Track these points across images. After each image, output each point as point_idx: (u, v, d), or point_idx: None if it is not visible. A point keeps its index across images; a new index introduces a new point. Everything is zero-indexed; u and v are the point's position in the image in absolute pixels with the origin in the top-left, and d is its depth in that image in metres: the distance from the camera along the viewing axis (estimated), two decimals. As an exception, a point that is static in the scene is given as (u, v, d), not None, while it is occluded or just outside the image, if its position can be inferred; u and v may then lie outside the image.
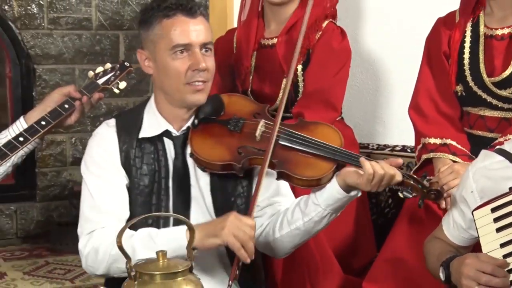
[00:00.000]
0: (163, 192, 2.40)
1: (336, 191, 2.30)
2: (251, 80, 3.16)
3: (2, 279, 3.23)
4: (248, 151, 2.38)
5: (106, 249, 2.27)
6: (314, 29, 3.06)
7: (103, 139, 2.43)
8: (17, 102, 3.65)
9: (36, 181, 3.64)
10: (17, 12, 3.57)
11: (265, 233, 2.42)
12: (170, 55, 2.34)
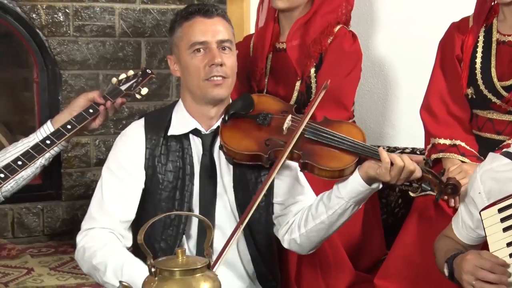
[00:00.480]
0: (187, 188, 2.40)
1: (359, 183, 2.29)
2: (266, 82, 3.16)
3: (30, 274, 3.24)
4: (275, 143, 2.39)
5: (90, 255, 2.29)
6: (326, 34, 3.06)
7: (130, 138, 2.44)
8: (44, 106, 3.66)
9: (62, 182, 3.65)
10: (44, 20, 3.58)
11: (290, 230, 2.42)
12: (190, 54, 2.37)
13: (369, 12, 3.51)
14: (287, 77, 3.10)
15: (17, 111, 3.87)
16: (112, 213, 2.35)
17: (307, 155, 2.37)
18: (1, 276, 3.20)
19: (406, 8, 3.50)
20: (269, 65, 3.17)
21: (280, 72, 3.14)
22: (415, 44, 3.40)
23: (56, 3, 3.59)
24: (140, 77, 2.64)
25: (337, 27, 3.10)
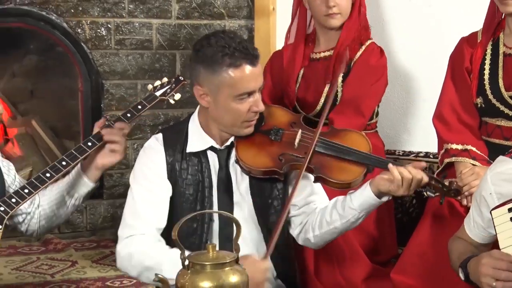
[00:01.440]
0: (207, 200, 2.39)
1: (370, 197, 2.29)
2: (297, 89, 3.15)
3: (74, 266, 3.26)
4: (288, 158, 2.37)
5: (139, 259, 2.27)
6: (356, 43, 3.09)
7: (152, 152, 2.41)
8: (87, 113, 3.67)
9: (103, 182, 3.66)
10: (89, 34, 3.60)
11: (304, 230, 2.41)
12: (234, 100, 2.29)
13: (387, 23, 3.49)
14: (317, 84, 3.10)
15: (63, 118, 3.89)
16: (148, 220, 2.33)
17: (319, 169, 2.36)
18: (48, 268, 3.23)
19: (423, 19, 3.48)
20: (301, 74, 3.16)
21: (311, 80, 3.14)
22: (430, 55, 3.38)
23: (99, 19, 3.61)
24: (173, 83, 2.64)
25: (367, 42, 3.12)
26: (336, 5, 3.03)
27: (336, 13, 3.05)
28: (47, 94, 3.92)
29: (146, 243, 2.29)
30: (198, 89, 2.34)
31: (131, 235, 2.32)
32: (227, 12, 3.77)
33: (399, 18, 3.52)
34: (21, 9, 3.49)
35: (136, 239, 2.30)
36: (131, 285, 3.06)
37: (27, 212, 2.39)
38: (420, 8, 3.48)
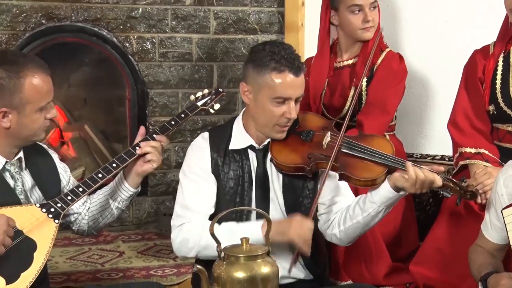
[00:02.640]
0: (246, 193, 2.40)
1: (389, 191, 2.28)
2: (323, 95, 3.15)
3: (121, 256, 3.28)
4: (316, 157, 2.37)
5: (195, 240, 2.31)
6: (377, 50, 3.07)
7: (198, 149, 2.43)
8: (134, 119, 3.69)
9: (148, 181, 3.68)
10: (135, 48, 3.63)
11: (331, 226, 2.40)
12: (271, 101, 2.31)
13: (406, 36, 3.48)
14: (342, 90, 3.10)
15: (112, 123, 3.91)
16: (196, 208, 2.36)
17: (344, 167, 2.36)
18: (98, 257, 3.26)
19: (439, 33, 3.45)
20: (326, 82, 3.16)
21: (336, 86, 3.13)
22: (446, 67, 3.35)
23: (145, 34, 3.63)
24: (213, 95, 2.64)
25: (386, 50, 3.12)
26: (372, 20, 3.06)
27: (371, 26, 3.07)
28: (98, 102, 3.95)
29: (197, 227, 2.32)
30: (244, 86, 2.38)
31: (181, 223, 2.35)
32: (260, 28, 3.78)
33: (417, 32, 3.49)
34: (76, 26, 3.52)
35: (186, 226, 2.33)
36: (172, 274, 3.06)
37: (78, 212, 2.41)
38: (436, 23, 3.45)
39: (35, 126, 2.22)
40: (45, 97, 2.21)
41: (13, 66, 2.17)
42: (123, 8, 3.57)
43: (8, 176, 2.27)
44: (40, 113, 2.21)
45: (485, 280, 2.06)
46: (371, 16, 3.05)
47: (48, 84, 2.21)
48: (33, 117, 2.19)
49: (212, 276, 1.95)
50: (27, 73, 2.17)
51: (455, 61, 3.08)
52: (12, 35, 3.42)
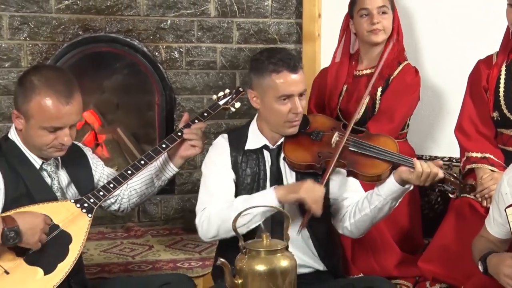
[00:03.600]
0: (261, 189, 2.41)
1: (394, 184, 2.30)
2: (340, 101, 3.13)
3: (150, 250, 3.28)
4: (325, 155, 2.40)
5: (215, 215, 2.32)
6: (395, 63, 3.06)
7: (219, 146, 2.48)
8: (162, 122, 3.69)
9: (175, 180, 3.68)
10: (164, 57, 3.63)
11: (343, 219, 2.42)
12: (276, 101, 2.35)
13: (420, 48, 3.46)
14: (359, 96, 3.08)
15: (143, 126, 3.92)
16: (217, 194, 2.39)
17: (351, 164, 2.38)
18: (129, 250, 3.27)
19: (448, 45, 3.44)
20: (345, 88, 3.14)
21: (353, 93, 3.12)
22: (454, 77, 3.33)
23: (173, 44, 3.64)
24: (234, 94, 2.67)
25: (404, 62, 3.10)
26: (379, 22, 3.03)
27: (379, 29, 3.04)
28: (130, 107, 3.96)
29: (217, 207, 2.35)
30: (251, 93, 2.43)
31: (204, 208, 2.38)
32: (279, 38, 3.77)
33: (428, 44, 3.48)
34: (110, 36, 3.53)
35: (208, 209, 2.37)
36: (197, 266, 3.07)
37: (117, 195, 2.46)
38: (446, 35, 3.43)
39: (40, 141, 2.19)
40: (52, 121, 2.15)
41: (40, 80, 2.16)
42: (153, 20, 3.58)
43: (46, 175, 2.29)
44: (48, 133, 2.17)
45: (485, 260, 2.04)
46: (377, 19, 3.02)
47: (58, 111, 2.14)
48: (37, 132, 2.17)
49: (235, 269, 1.94)
50: (41, 92, 2.15)
51: (462, 71, 3.06)
52: (52, 45, 3.44)
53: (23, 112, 2.18)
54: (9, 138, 2.26)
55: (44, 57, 3.43)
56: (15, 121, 2.21)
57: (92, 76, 3.76)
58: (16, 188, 2.19)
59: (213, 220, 2.33)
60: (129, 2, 3.53)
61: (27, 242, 2.06)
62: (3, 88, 3.39)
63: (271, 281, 1.89)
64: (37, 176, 2.25)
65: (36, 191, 2.22)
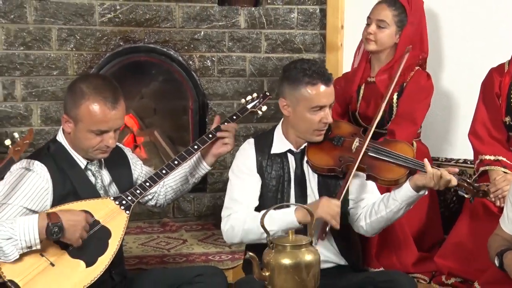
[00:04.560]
0: (285, 190, 2.41)
1: (409, 191, 2.28)
2: (358, 105, 3.11)
3: (184, 244, 3.29)
4: (346, 159, 2.38)
5: (240, 226, 2.32)
6: (408, 70, 3.01)
7: (245, 152, 2.47)
8: (195, 126, 3.70)
9: (207, 179, 3.69)
10: (198, 65, 3.65)
11: (359, 219, 2.41)
12: (309, 111, 2.34)
13: (436, 58, 3.40)
14: (375, 102, 3.05)
15: (178, 129, 3.94)
16: (242, 201, 2.39)
17: (370, 168, 2.36)
18: (165, 244, 3.28)
19: (461, 53, 3.40)
20: (361, 94, 3.12)
21: (370, 98, 3.09)
22: (468, 83, 3.29)
23: (206, 54, 3.65)
24: (261, 98, 2.67)
25: (415, 68, 3.06)
26: (373, 34, 2.99)
27: (371, 40, 3.00)
28: (166, 111, 3.98)
29: (241, 215, 2.35)
30: (282, 101, 2.40)
31: (229, 214, 2.38)
32: (304, 47, 3.76)
33: (445, 54, 3.44)
34: (148, 47, 3.56)
35: (233, 216, 2.36)
36: (227, 259, 3.07)
37: (154, 192, 2.47)
38: (459, 43, 3.40)
39: (87, 143, 2.21)
40: (98, 125, 2.18)
41: (88, 87, 2.18)
42: (188, 31, 3.59)
43: (90, 175, 2.31)
44: (94, 135, 2.19)
45: (501, 255, 2.01)
46: (371, 30, 2.99)
47: (104, 116, 2.16)
48: (85, 135, 2.19)
49: (262, 262, 1.93)
50: (89, 98, 2.17)
51: (475, 79, 3.02)
52: (95, 55, 3.48)
53: (72, 116, 2.20)
54: (57, 140, 2.29)
55: (89, 66, 3.46)
56: (64, 125, 2.23)
57: (132, 83, 3.79)
58: (63, 187, 2.21)
59: (236, 231, 2.34)
60: (166, 15, 3.55)
61: (68, 238, 2.08)
62: (51, 94, 3.43)
63: (296, 274, 1.89)
64: (83, 176, 2.27)
65: (82, 190, 2.25)
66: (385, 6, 3.00)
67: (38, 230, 2.03)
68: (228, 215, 2.38)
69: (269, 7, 3.69)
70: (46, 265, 2.10)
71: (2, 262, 2.05)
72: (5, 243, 2.01)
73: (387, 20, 2.98)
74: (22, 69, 3.37)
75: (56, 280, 2.09)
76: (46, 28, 3.38)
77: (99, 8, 3.45)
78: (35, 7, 3.35)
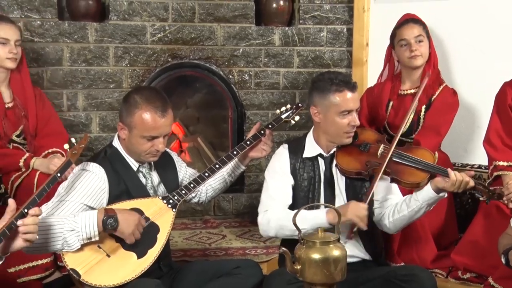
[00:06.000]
0: (316, 191, 2.40)
1: (430, 192, 2.26)
2: (387, 115, 3.08)
3: (224, 239, 3.29)
4: (372, 164, 2.37)
5: (275, 222, 2.32)
6: (436, 84, 3.00)
7: (280, 155, 2.46)
8: (234, 133, 3.71)
9: (244, 181, 3.70)
10: (236, 79, 3.66)
11: (382, 218, 2.39)
12: (338, 116, 2.34)
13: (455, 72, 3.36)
14: (403, 112, 3.02)
15: (218, 136, 3.96)
16: (277, 198, 2.39)
17: (394, 173, 2.35)
18: (207, 239, 3.29)
19: (476, 68, 3.33)
20: (391, 104, 3.09)
21: (399, 109, 3.07)
22: (483, 97, 3.23)
23: (244, 68, 3.66)
24: (294, 108, 2.66)
25: (443, 84, 3.04)
26: (417, 49, 2.98)
27: (418, 55, 2.98)
28: (208, 120, 4.00)
29: (277, 212, 2.34)
30: (313, 109, 2.41)
31: (266, 209, 2.38)
32: (333, 63, 3.74)
33: (463, 68, 3.38)
34: (193, 63, 3.58)
35: (269, 212, 2.36)
36: (262, 253, 3.06)
37: (197, 191, 2.49)
38: (478, 61, 3.32)
39: (140, 148, 2.23)
40: (150, 131, 2.20)
41: (141, 98, 2.21)
42: (228, 49, 3.61)
43: (141, 176, 2.33)
44: (146, 141, 2.21)
45: (507, 254, 1.96)
46: (415, 47, 2.97)
47: (155, 123, 2.18)
48: (138, 140, 2.22)
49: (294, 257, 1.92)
50: (142, 107, 2.19)
51: (490, 91, 2.96)
52: (147, 70, 3.52)
53: (127, 124, 2.23)
54: (113, 145, 2.32)
55: (141, 80, 3.51)
56: (120, 131, 2.26)
57: (178, 94, 3.83)
58: (118, 187, 2.24)
59: (272, 225, 2.33)
60: (209, 34, 3.57)
61: (122, 232, 2.10)
62: (108, 105, 3.49)
63: (325, 267, 1.87)
64: (135, 177, 2.29)
65: (134, 189, 2.27)
66: (413, 24, 3.01)
67: (97, 223, 2.06)
68: (265, 210, 2.38)
69: (301, 26, 3.68)
70: (103, 256, 2.12)
71: (65, 252, 2.08)
72: (68, 234, 2.05)
73: (422, 33, 3.00)
74: (84, 83, 3.44)
75: (112, 269, 2.11)
76: (104, 47, 3.44)
77: (151, 29, 3.50)
78: (95, 28, 3.41)
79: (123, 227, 2.09)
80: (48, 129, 2.86)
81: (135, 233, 2.11)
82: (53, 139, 2.82)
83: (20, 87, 2.83)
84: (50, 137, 2.84)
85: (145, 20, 3.47)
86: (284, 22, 3.70)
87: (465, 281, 2.69)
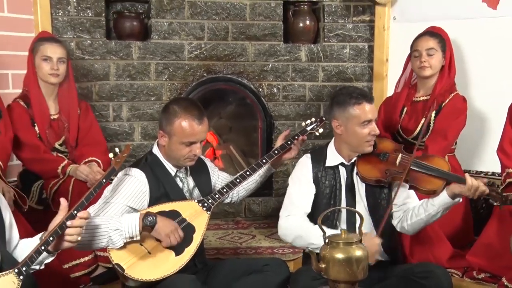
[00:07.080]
0: (338, 197, 2.38)
1: (446, 198, 2.24)
2: (401, 120, 3.05)
3: (254, 238, 3.29)
4: (391, 172, 2.34)
5: (294, 229, 2.30)
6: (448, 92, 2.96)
7: (304, 164, 2.44)
8: (263, 142, 3.71)
9: (273, 185, 3.70)
10: (266, 92, 3.67)
11: (401, 221, 2.36)
12: (359, 126, 2.31)
13: (468, 83, 3.30)
14: (417, 118, 3.01)
15: (249, 144, 3.96)
16: (298, 205, 2.36)
17: (412, 180, 2.32)
18: (238, 238, 3.29)
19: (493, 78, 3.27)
20: (405, 110, 3.06)
21: (412, 114, 3.04)
22: (496, 107, 3.18)
23: (273, 82, 3.67)
24: (318, 122, 2.64)
25: (454, 92, 2.99)
26: (426, 61, 2.95)
27: (426, 66, 2.95)
28: (239, 129, 4.01)
29: (298, 220, 2.32)
30: (335, 122, 2.38)
31: (287, 215, 2.36)
32: (355, 77, 3.72)
33: (478, 79, 3.32)
34: (226, 77, 3.61)
35: (291, 218, 2.34)
36: (289, 252, 3.05)
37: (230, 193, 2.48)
38: (493, 72, 3.27)
39: (178, 153, 2.25)
40: (188, 137, 2.22)
41: (180, 107, 2.23)
42: (258, 64, 3.63)
43: (178, 180, 2.35)
44: (184, 146, 2.23)
45: None
46: (424, 59, 2.95)
47: (193, 129, 2.20)
48: (177, 146, 2.24)
49: (319, 256, 1.91)
50: (181, 116, 2.22)
51: (504, 102, 2.90)
52: (184, 84, 3.56)
53: (167, 132, 2.26)
54: (153, 152, 2.34)
55: (179, 93, 3.55)
56: (160, 139, 2.29)
57: (213, 106, 3.85)
58: (158, 190, 2.27)
59: (290, 232, 2.31)
60: (241, 51, 3.60)
61: (158, 232, 2.12)
62: (149, 115, 3.54)
63: (348, 266, 1.85)
64: (173, 181, 2.32)
65: (172, 193, 2.29)
66: (428, 37, 2.97)
67: (139, 224, 2.08)
68: (287, 215, 2.36)
69: (325, 44, 3.67)
70: (144, 253, 2.15)
71: (110, 249, 2.12)
72: (113, 233, 2.08)
73: (435, 47, 2.96)
74: (128, 96, 3.50)
75: (152, 265, 2.14)
76: (146, 63, 3.50)
77: (188, 47, 3.54)
78: (139, 47, 3.47)
79: (160, 228, 2.11)
80: (88, 139, 2.92)
81: (171, 236, 2.12)
82: (92, 148, 2.88)
83: (66, 102, 2.91)
84: (89, 146, 2.89)
85: (183, 39, 3.52)
86: (310, 40, 3.70)
87: (479, 280, 2.64)
